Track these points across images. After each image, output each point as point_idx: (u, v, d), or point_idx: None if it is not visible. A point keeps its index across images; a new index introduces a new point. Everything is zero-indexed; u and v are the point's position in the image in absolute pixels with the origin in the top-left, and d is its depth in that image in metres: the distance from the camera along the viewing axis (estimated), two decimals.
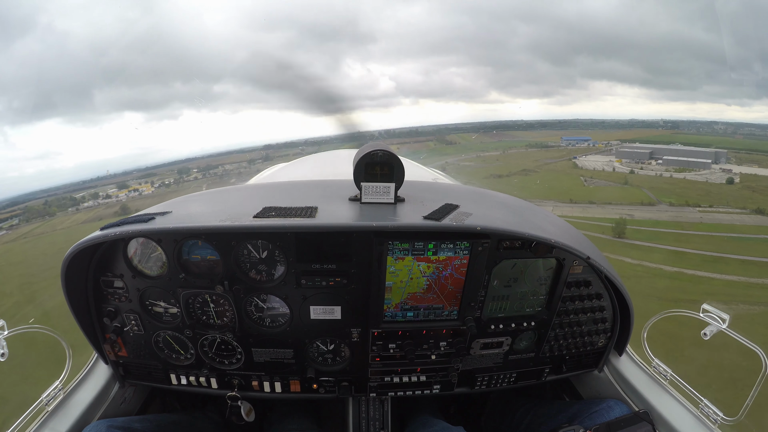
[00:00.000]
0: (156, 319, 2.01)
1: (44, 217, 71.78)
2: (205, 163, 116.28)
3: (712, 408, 1.82)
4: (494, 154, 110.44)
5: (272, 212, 1.80)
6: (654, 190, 66.21)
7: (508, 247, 1.90)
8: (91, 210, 74.31)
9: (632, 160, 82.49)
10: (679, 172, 74.11)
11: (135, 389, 2.30)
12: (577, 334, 2.20)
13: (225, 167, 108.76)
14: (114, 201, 77.39)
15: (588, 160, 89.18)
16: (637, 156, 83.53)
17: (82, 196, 79.74)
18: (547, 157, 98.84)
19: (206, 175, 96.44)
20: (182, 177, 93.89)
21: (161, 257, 1.88)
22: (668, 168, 75.86)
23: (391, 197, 1.97)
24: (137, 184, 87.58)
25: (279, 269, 1.91)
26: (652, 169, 77.49)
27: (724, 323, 1.79)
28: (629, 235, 48.49)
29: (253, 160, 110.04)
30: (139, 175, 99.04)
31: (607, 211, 58.95)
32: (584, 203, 62.82)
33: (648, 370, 2.13)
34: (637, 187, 67.60)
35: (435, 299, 1.93)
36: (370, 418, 2.32)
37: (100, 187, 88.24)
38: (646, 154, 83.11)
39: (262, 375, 2.16)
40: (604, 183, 72.87)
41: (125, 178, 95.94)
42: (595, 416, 1.96)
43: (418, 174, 3.84)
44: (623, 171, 78.13)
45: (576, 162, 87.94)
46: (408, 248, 1.77)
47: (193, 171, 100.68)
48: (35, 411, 1.79)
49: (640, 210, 59.38)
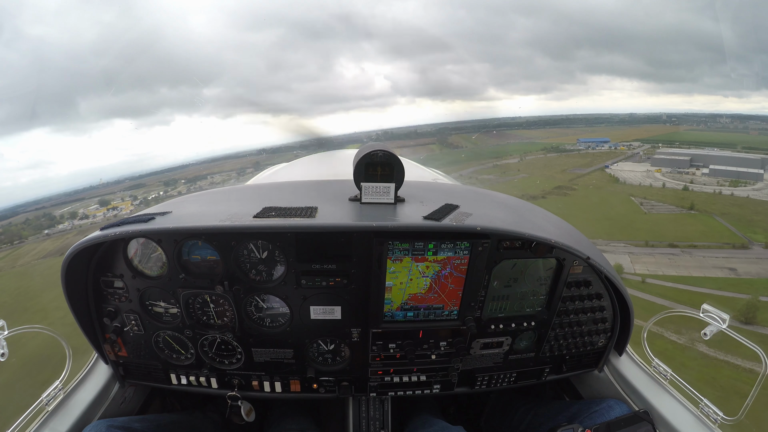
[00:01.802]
0: (156, 319, 2.01)
1: (13, 243, 65.64)
2: (197, 171, 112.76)
3: (712, 408, 1.82)
4: (512, 162, 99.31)
5: (272, 212, 1.80)
6: (728, 217, 52.98)
7: (508, 247, 1.90)
8: (63, 235, 67.68)
9: (672, 168, 74.59)
10: (734, 185, 64.78)
11: (135, 389, 2.30)
12: (577, 334, 2.20)
13: (214, 177, 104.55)
14: (89, 223, 72.90)
15: (623, 169, 79.41)
16: (677, 164, 75.29)
17: (62, 214, 75.60)
18: (573, 165, 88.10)
19: (190, 189, 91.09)
20: (168, 189, 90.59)
21: (161, 257, 1.88)
22: (720, 181, 66.57)
23: (391, 197, 1.97)
24: (120, 199, 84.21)
25: (279, 269, 1.91)
26: (702, 181, 67.52)
27: (724, 323, 1.79)
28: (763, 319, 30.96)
29: (243, 169, 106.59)
30: (129, 185, 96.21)
31: (698, 260, 43.30)
32: (664, 246, 46.03)
33: (648, 370, 2.13)
34: (707, 214, 54.95)
35: (435, 299, 1.93)
36: (370, 417, 2.32)
37: (88, 199, 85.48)
38: (686, 162, 74.85)
39: (262, 375, 2.16)
40: (666, 208, 59.14)
41: (115, 188, 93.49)
42: (595, 416, 1.96)
43: (418, 174, 3.84)
44: (674, 186, 67.97)
45: (610, 173, 77.79)
46: (408, 248, 1.77)
47: (180, 182, 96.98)
48: (35, 411, 1.79)
49: (737, 258, 43.76)
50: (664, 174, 73.40)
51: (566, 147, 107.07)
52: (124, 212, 74.46)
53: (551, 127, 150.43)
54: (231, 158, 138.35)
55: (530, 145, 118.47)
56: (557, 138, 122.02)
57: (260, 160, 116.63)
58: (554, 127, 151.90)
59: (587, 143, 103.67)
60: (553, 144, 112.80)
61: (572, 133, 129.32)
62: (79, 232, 65.12)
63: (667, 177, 72.15)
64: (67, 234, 67.60)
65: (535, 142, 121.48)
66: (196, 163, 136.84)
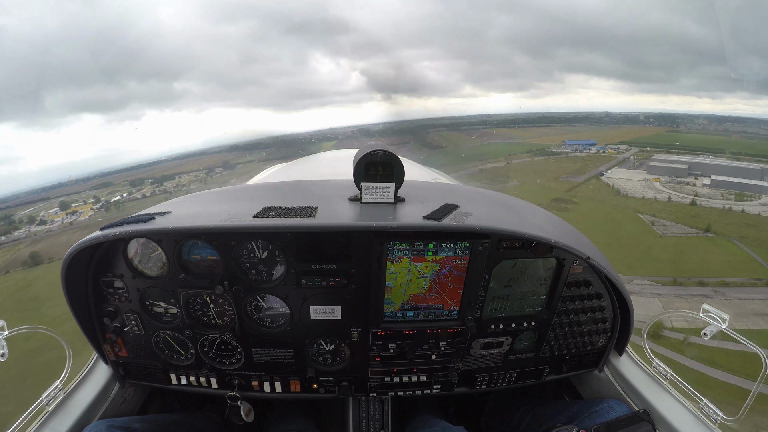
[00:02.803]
0: (156, 319, 2.01)
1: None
2: (166, 169, 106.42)
3: (712, 408, 1.82)
4: (498, 166, 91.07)
5: (272, 212, 1.80)
6: (748, 242, 44.83)
7: (508, 247, 1.90)
8: (15, 245, 56.46)
9: (670, 177, 67.59)
10: (740, 199, 56.53)
11: (135, 389, 2.30)
12: (577, 334, 2.20)
13: (181, 177, 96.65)
14: (45, 230, 65.93)
15: (619, 177, 71.91)
16: (675, 172, 68.41)
17: (21, 218, 68.39)
18: (565, 171, 79.79)
19: (155, 191, 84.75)
20: (133, 191, 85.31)
21: (161, 257, 1.88)
22: (723, 193, 59.16)
23: (391, 197, 1.97)
24: (83, 201, 78.50)
25: (279, 269, 1.91)
26: (707, 194, 59.88)
27: (724, 323, 1.79)
28: None
29: (212, 168, 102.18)
30: (97, 183, 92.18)
31: (736, 306, 33.80)
32: (693, 284, 36.41)
33: (648, 370, 2.13)
34: (726, 238, 46.95)
35: (436, 299, 1.93)
36: (370, 418, 2.32)
37: (53, 199, 79.55)
38: (684, 170, 68.13)
39: (262, 375, 2.16)
40: (680, 229, 50.70)
41: (84, 186, 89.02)
42: (595, 416, 1.95)
43: (417, 174, 3.84)
44: (679, 199, 59.64)
45: (607, 182, 69.75)
46: (408, 248, 1.77)
47: (147, 182, 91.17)
48: (35, 411, 1.79)
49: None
50: (664, 184, 66.37)
51: (552, 149, 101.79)
52: (83, 218, 70.98)
53: (530, 126, 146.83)
54: (205, 154, 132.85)
55: (513, 145, 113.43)
56: (540, 138, 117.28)
57: (230, 159, 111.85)
58: (533, 125, 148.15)
59: (574, 146, 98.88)
60: (537, 145, 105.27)
61: (554, 133, 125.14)
62: (32, 242, 58.05)
63: (668, 187, 64.89)
64: (20, 244, 57.67)
65: (519, 143, 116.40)
66: (168, 159, 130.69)
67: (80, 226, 66.80)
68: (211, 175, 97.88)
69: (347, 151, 5.06)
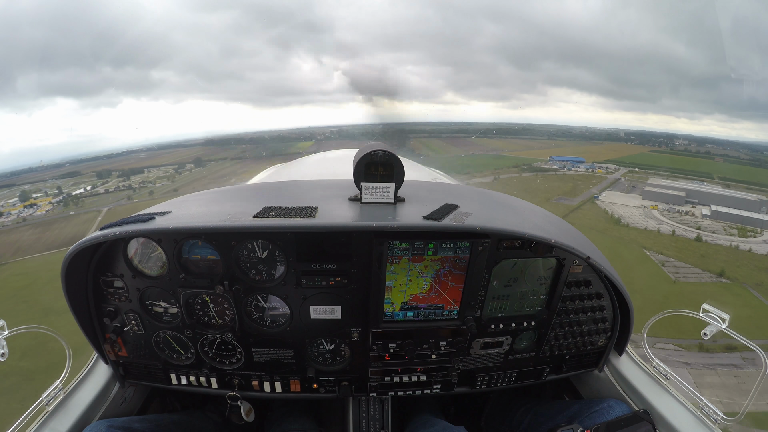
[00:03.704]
0: (156, 319, 2.01)
1: None
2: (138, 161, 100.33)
3: (712, 408, 1.83)
4: (486, 182, 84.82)
5: (272, 212, 1.80)
6: (763, 290, 40.99)
7: (508, 246, 1.90)
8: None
9: (668, 205, 63.52)
10: (743, 235, 53.30)
11: (135, 389, 2.30)
12: (577, 333, 2.20)
13: (150, 172, 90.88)
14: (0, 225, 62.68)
15: (614, 202, 67.05)
16: (672, 200, 64.59)
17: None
18: (556, 191, 74.34)
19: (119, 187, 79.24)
20: (97, 184, 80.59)
21: (161, 257, 1.88)
22: (725, 226, 55.72)
23: (391, 197, 1.97)
24: (44, 193, 74.72)
25: (279, 269, 1.91)
26: (709, 227, 55.60)
27: (724, 323, 1.79)
28: None
29: (183, 164, 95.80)
30: (67, 171, 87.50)
31: None
32: (719, 350, 30.70)
33: (648, 369, 2.13)
34: (740, 284, 43.12)
35: (436, 298, 1.93)
36: (371, 417, 2.32)
37: (19, 186, 76.37)
38: (681, 198, 64.39)
39: (262, 375, 2.16)
40: (693, 272, 46.04)
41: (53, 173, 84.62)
42: (595, 416, 1.96)
43: (418, 174, 3.84)
44: (682, 232, 54.46)
45: (603, 207, 64.95)
46: (408, 248, 1.77)
47: (113, 174, 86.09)
48: (35, 411, 1.79)
49: None
50: (663, 212, 61.89)
51: (539, 164, 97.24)
52: (39, 212, 67.63)
53: (512, 137, 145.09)
54: (180, 147, 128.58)
55: (498, 158, 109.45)
56: (524, 152, 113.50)
57: (202, 155, 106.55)
58: (515, 137, 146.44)
59: (561, 162, 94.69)
60: (524, 160, 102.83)
61: (538, 147, 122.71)
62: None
63: (668, 217, 60.12)
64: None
65: (504, 156, 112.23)
66: (143, 149, 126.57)
67: (34, 222, 63.42)
68: (180, 171, 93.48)
69: (347, 151, 5.06)
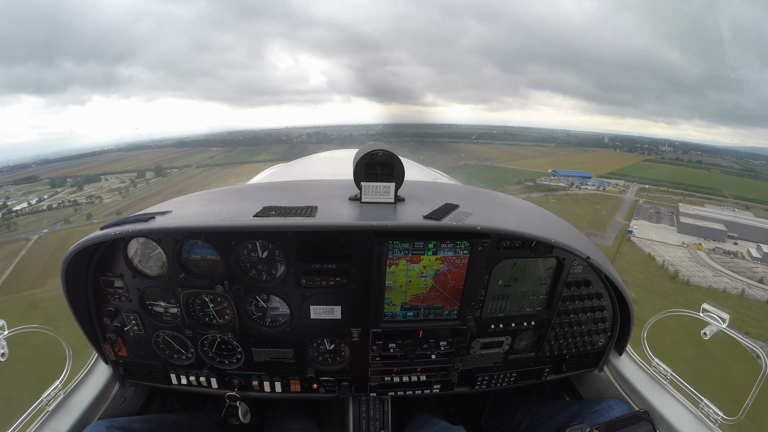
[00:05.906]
0: (156, 319, 2.01)
1: None
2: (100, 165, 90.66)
3: (712, 408, 1.82)
4: None
5: (272, 212, 1.80)
6: None
7: (508, 246, 1.90)
8: None
9: (708, 241, 50.80)
10: None
11: (135, 389, 2.30)
12: (577, 333, 2.20)
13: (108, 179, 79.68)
14: None
15: (652, 239, 52.00)
16: (711, 234, 52.26)
17: None
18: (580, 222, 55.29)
19: (64, 203, 65.59)
20: (45, 197, 68.42)
21: (161, 257, 1.88)
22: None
23: (391, 197, 1.97)
24: None
25: (279, 269, 1.91)
26: None
27: (724, 323, 1.79)
28: None
29: (143, 171, 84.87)
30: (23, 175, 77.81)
31: None
32: None
33: (648, 369, 2.13)
34: None
35: (436, 299, 1.93)
36: (370, 417, 2.32)
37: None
38: (723, 233, 51.91)
39: (262, 375, 2.16)
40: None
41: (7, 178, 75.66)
42: (595, 416, 1.95)
43: (418, 174, 3.85)
44: (750, 291, 38.37)
45: (641, 245, 49.85)
46: (408, 248, 1.77)
47: (67, 183, 75.91)
48: (35, 411, 1.79)
49: None
50: (710, 255, 48.15)
51: (543, 180, 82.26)
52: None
53: (499, 143, 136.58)
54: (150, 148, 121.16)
55: (492, 170, 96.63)
56: (517, 161, 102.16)
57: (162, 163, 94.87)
58: (502, 142, 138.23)
59: (567, 178, 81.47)
60: (524, 173, 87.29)
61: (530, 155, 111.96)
62: None
63: (717, 261, 46.68)
64: None
65: (498, 167, 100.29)
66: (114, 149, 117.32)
67: None
68: (136, 183, 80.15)
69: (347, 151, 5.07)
